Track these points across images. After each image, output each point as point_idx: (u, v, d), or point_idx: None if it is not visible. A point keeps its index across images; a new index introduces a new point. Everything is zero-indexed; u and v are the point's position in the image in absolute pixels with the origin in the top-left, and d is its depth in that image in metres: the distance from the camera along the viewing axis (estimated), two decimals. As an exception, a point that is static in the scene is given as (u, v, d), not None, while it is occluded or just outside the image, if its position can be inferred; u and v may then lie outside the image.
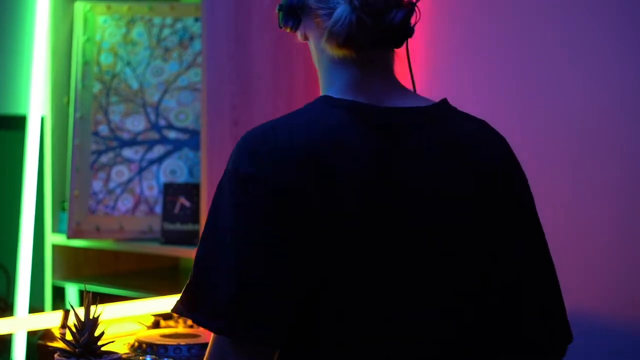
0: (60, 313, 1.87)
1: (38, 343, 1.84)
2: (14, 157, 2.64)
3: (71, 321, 1.52)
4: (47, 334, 1.85)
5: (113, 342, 1.56)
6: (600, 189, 2.20)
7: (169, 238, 2.52)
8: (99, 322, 1.50)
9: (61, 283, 2.68)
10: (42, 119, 2.66)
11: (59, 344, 1.52)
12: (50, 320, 1.90)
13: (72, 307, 1.52)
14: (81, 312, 1.50)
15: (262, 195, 1.17)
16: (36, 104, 2.66)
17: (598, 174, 2.20)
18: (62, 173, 2.65)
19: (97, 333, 1.49)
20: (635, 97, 2.16)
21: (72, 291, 2.70)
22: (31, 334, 2.21)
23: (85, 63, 2.62)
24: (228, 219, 1.18)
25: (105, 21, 2.65)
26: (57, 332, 1.83)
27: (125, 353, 1.76)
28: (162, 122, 2.62)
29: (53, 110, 2.65)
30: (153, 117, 2.62)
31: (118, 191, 2.59)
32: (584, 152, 2.22)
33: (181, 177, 2.60)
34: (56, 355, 1.49)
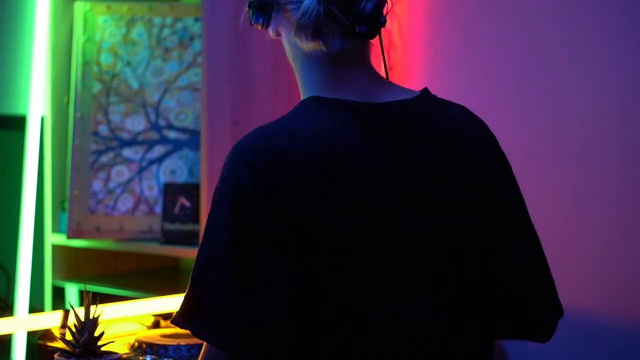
0: (60, 313, 1.87)
1: (38, 343, 1.84)
2: (14, 157, 2.63)
3: (71, 321, 1.52)
4: (47, 334, 1.85)
5: (113, 342, 1.57)
6: (600, 189, 2.20)
7: (169, 238, 2.51)
8: (99, 322, 1.50)
9: (61, 283, 2.67)
10: (42, 119, 2.65)
11: (59, 344, 1.52)
12: (50, 320, 1.90)
13: (72, 307, 1.52)
14: (81, 312, 1.50)
15: (258, 203, 1.15)
16: (36, 104, 2.65)
17: (598, 174, 2.20)
18: (62, 173, 2.65)
19: (97, 333, 1.49)
20: (635, 97, 2.16)
21: (72, 291, 2.70)
22: (31, 334, 2.20)
23: (85, 63, 2.61)
24: (223, 232, 1.16)
25: (105, 21, 2.65)
26: (57, 332, 1.83)
27: (125, 353, 1.76)
28: (162, 122, 2.61)
29: (53, 110, 2.64)
30: (153, 117, 2.62)
31: (118, 191, 2.59)
32: (584, 152, 2.22)
33: (181, 177, 2.60)
34: (56, 355, 1.49)
